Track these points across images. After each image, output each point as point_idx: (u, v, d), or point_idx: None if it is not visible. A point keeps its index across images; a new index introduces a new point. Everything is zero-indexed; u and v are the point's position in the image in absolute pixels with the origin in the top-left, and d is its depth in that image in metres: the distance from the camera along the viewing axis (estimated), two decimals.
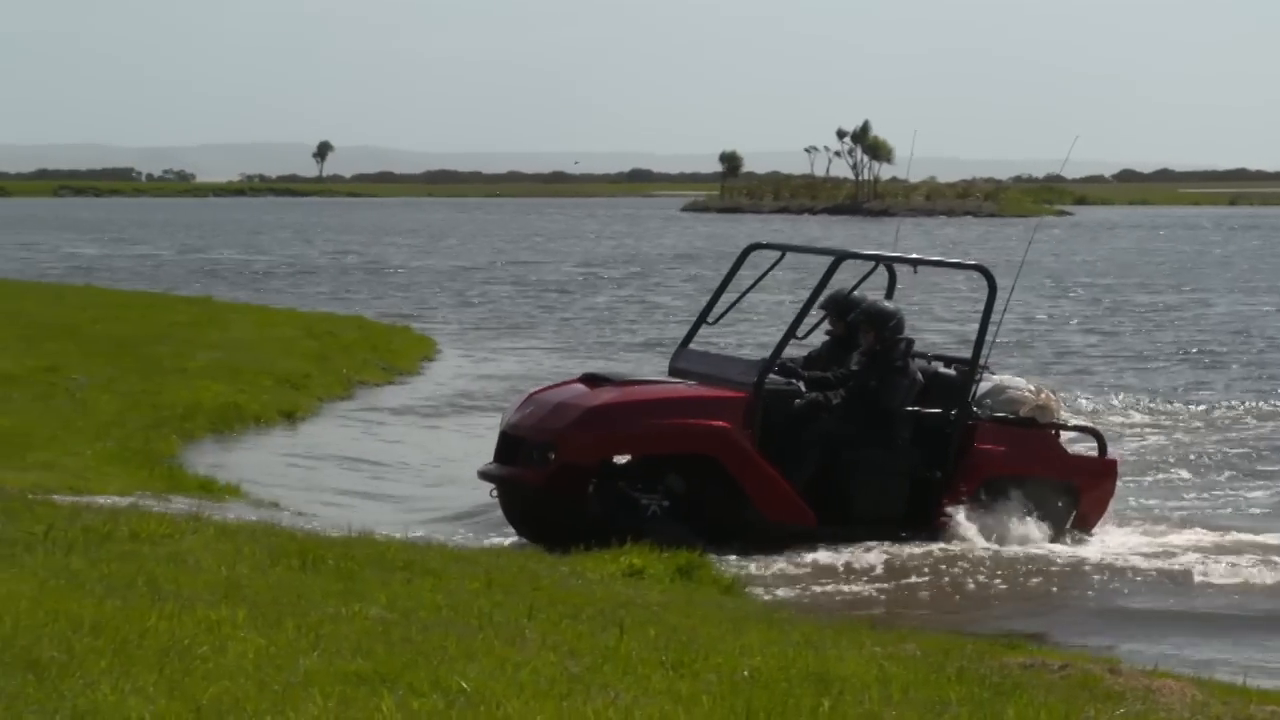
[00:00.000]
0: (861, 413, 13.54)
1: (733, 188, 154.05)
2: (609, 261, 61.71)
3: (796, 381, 13.68)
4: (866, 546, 13.33)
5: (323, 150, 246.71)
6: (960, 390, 13.84)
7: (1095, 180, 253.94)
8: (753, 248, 15.06)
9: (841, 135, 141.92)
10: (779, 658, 7.83)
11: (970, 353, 14.09)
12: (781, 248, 15.15)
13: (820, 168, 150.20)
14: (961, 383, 13.92)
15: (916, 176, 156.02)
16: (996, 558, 13.42)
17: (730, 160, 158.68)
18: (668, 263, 60.34)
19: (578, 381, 13.78)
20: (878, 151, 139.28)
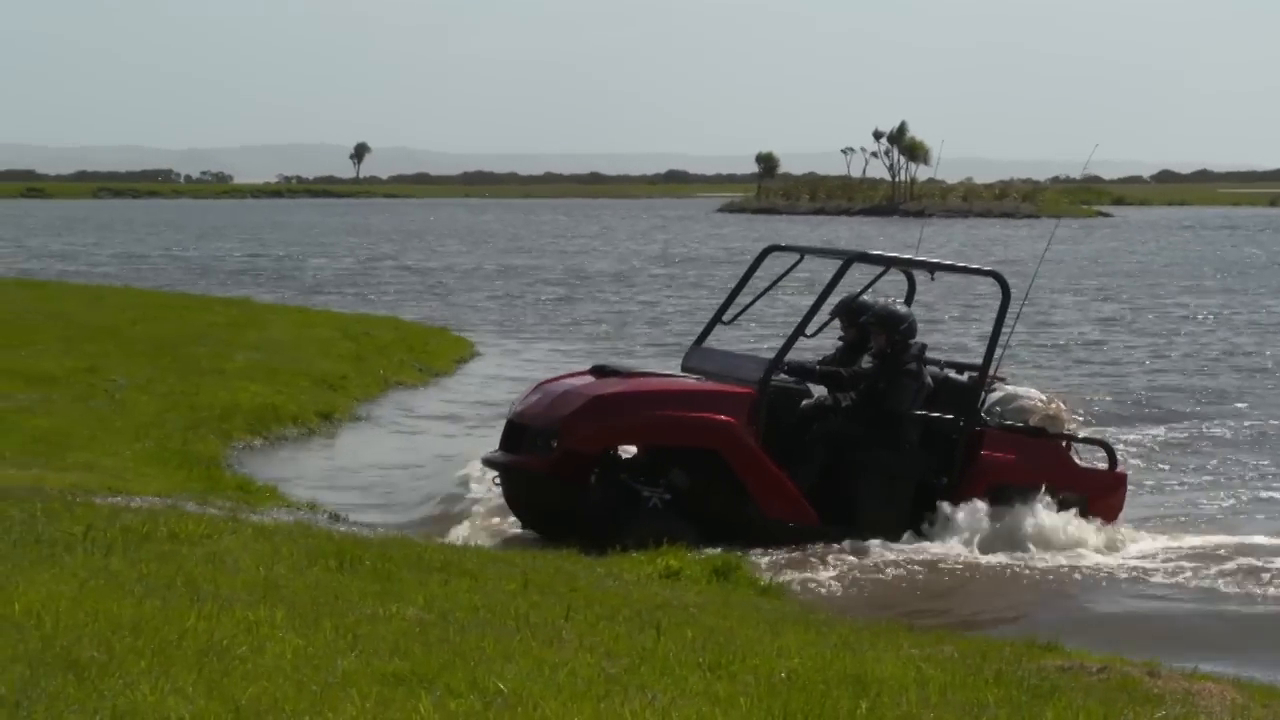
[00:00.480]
0: (869, 414, 13.52)
1: (769, 189, 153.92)
2: (654, 261, 61.71)
3: (806, 380, 13.64)
4: (901, 551, 13.30)
5: (360, 152, 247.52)
6: (969, 396, 13.79)
7: (1134, 181, 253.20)
8: (771, 249, 15.01)
9: (878, 136, 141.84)
10: (816, 659, 7.82)
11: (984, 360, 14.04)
12: (800, 250, 15.09)
13: (857, 169, 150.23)
14: (971, 389, 13.87)
15: (953, 177, 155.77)
16: (1029, 563, 13.39)
17: (766, 161, 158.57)
18: (706, 264, 60.32)
19: (587, 373, 13.81)
20: (914, 153, 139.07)
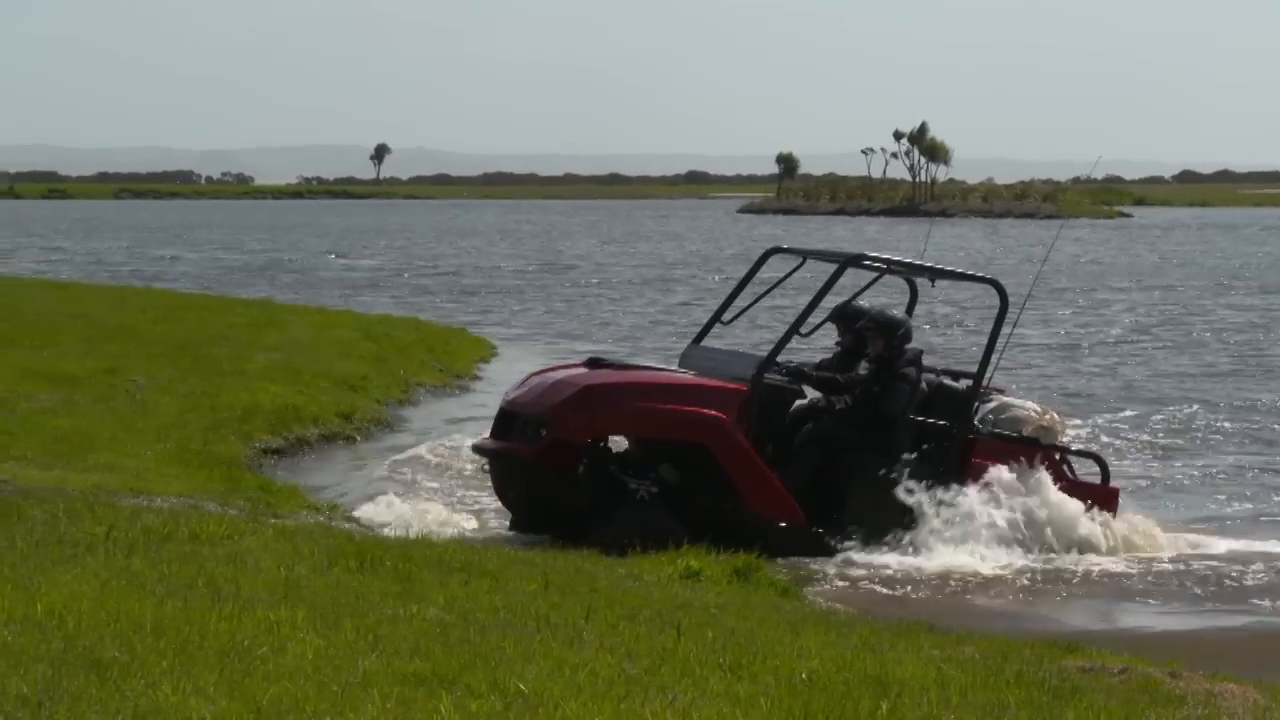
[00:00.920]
0: (862, 417, 13.48)
1: (789, 189, 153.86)
2: (675, 263, 61.72)
3: (802, 384, 13.59)
4: (921, 552, 13.28)
5: (380, 153, 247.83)
6: (963, 403, 13.73)
7: (1155, 181, 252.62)
8: (772, 251, 14.98)
9: (899, 137, 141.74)
10: (837, 660, 7.82)
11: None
12: (802, 253, 15.01)
13: (877, 169, 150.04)
14: (965, 396, 13.81)
15: (974, 178, 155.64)
16: (1045, 565, 13.38)
17: (787, 162, 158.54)
18: (726, 263, 60.30)
19: (581, 364, 13.82)
20: (935, 153, 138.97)
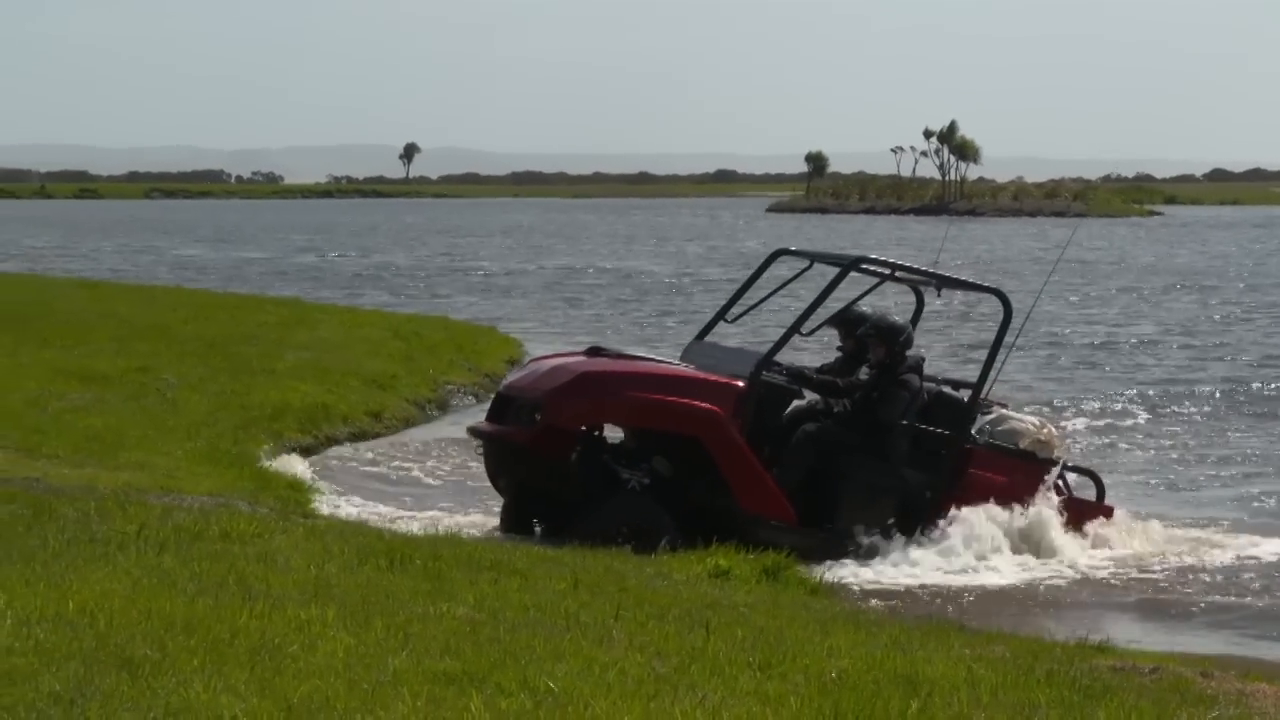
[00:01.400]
0: (860, 422, 13.43)
1: (818, 188, 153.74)
2: (705, 262, 61.67)
3: (803, 388, 13.54)
4: (950, 553, 13.26)
5: (409, 152, 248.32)
6: (961, 412, 13.66)
7: (1186, 180, 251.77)
8: (780, 253, 14.93)
9: (928, 135, 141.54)
10: (867, 659, 7.80)
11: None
12: (810, 255, 14.95)
13: (906, 168, 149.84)
14: (963, 405, 13.75)
15: (1004, 176, 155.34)
16: (1075, 566, 13.37)
17: (816, 160, 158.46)
18: (756, 262, 60.18)
19: (581, 352, 13.80)
20: (965, 151, 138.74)
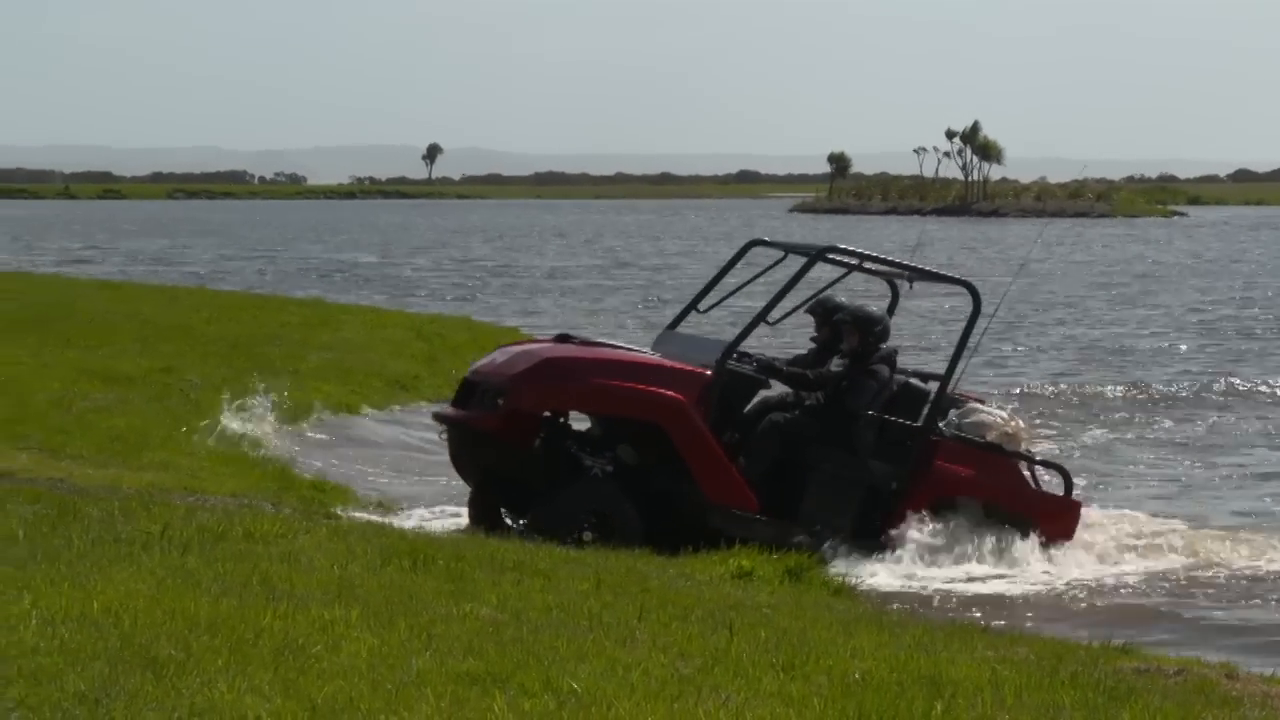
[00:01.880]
0: (828, 412, 13.36)
1: (841, 189, 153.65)
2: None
3: (773, 379, 13.48)
4: (972, 554, 13.25)
5: (432, 152, 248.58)
6: (927, 405, 13.57)
7: (1210, 180, 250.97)
8: (753, 243, 14.82)
9: (951, 136, 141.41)
10: (890, 660, 7.79)
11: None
12: (783, 246, 14.82)
13: (929, 169, 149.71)
14: (932, 397, 13.66)
15: (1027, 176, 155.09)
16: (1098, 569, 13.33)
17: (839, 161, 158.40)
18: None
19: (550, 339, 13.76)
20: (987, 152, 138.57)
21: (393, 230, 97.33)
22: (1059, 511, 13.73)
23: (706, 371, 12.94)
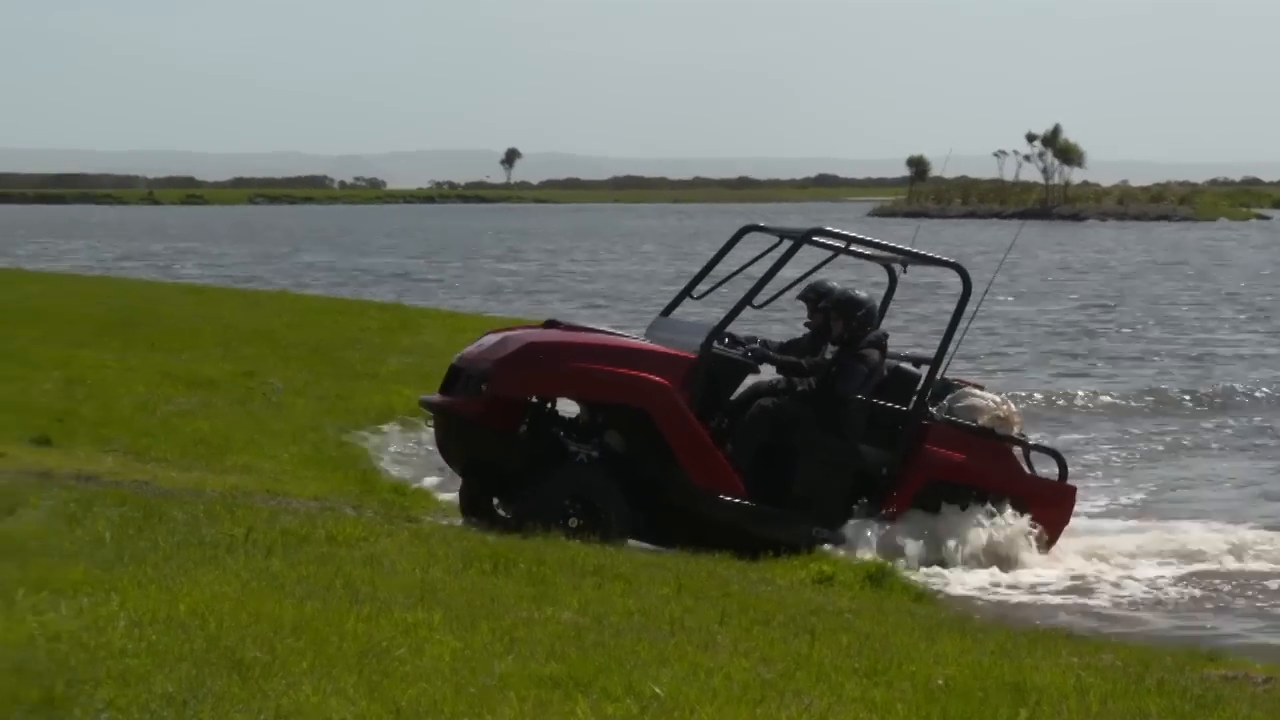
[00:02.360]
0: (817, 397, 13.22)
1: (920, 192, 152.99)
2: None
3: (765, 363, 13.33)
4: (1052, 559, 13.18)
5: (510, 157, 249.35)
6: (918, 389, 13.43)
7: None
8: (748, 229, 14.64)
9: (1031, 139, 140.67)
10: (973, 666, 7.76)
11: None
12: (778, 232, 14.59)
13: (1010, 172, 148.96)
14: (922, 381, 13.50)
15: (1108, 180, 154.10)
16: (1176, 572, 13.24)
17: (918, 164, 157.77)
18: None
19: (538, 326, 13.67)
20: (1069, 155, 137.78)
21: (472, 234, 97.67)
22: (1054, 496, 13.59)
23: (691, 355, 12.84)
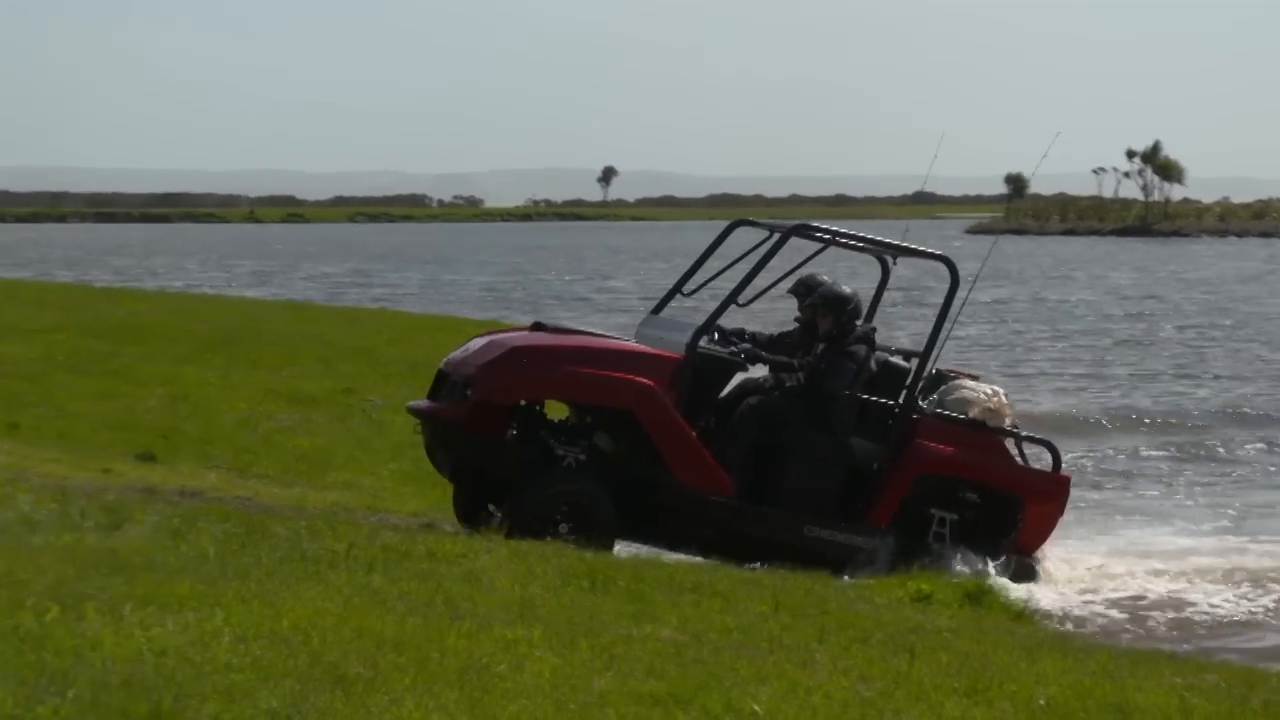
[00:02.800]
0: (805, 394, 13.11)
1: (1018, 209, 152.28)
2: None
3: (758, 364, 13.22)
4: (1153, 574, 13.08)
5: (607, 175, 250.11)
6: (907, 382, 13.29)
7: None
8: (738, 224, 14.60)
9: (1131, 156, 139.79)
10: (1075, 686, 7.72)
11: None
12: (768, 226, 14.48)
13: (1108, 189, 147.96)
14: (912, 375, 13.37)
15: (1209, 197, 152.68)
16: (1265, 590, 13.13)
17: (1015, 182, 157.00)
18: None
19: (525, 329, 13.62)
20: (1168, 172, 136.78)
21: (569, 251, 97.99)
22: (1048, 487, 13.42)
23: (676, 355, 12.77)
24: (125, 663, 6.32)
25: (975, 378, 13.95)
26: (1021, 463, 13.55)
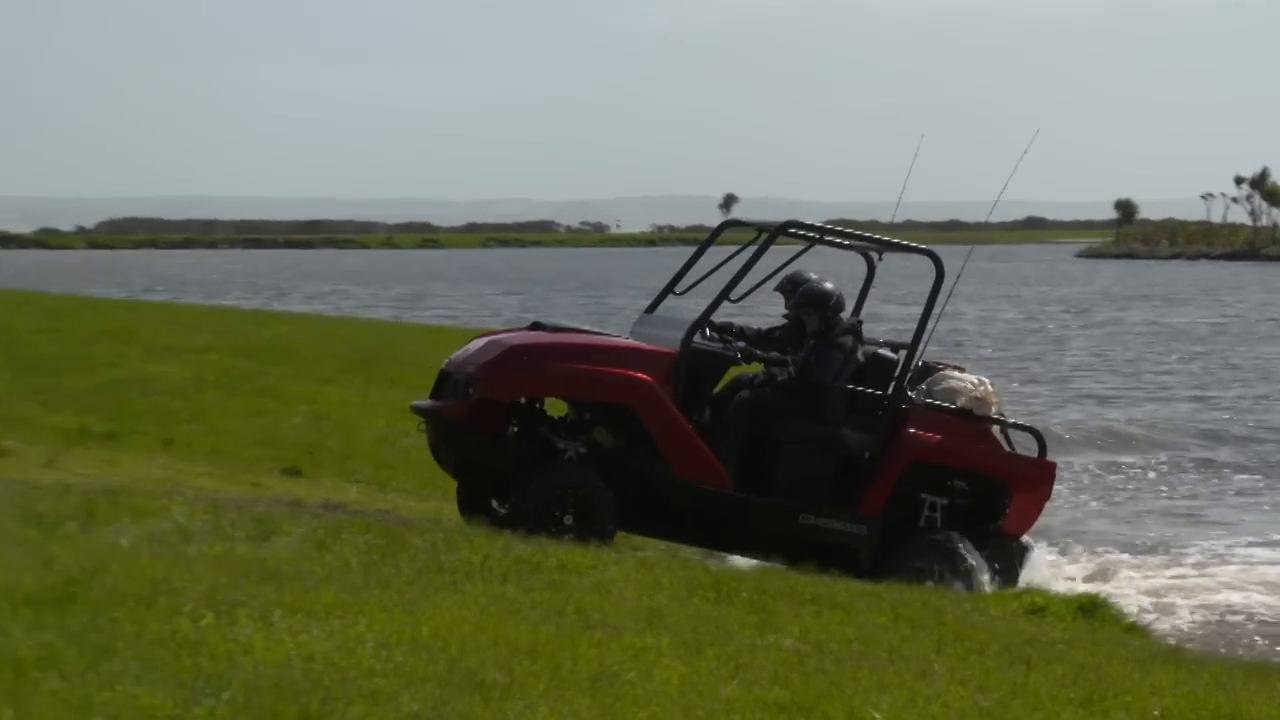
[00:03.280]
0: (796, 386, 13.17)
1: (1127, 234, 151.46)
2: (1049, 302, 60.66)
3: (751, 361, 13.31)
4: (1265, 587, 13.13)
5: (728, 202, 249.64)
6: (895, 373, 13.36)
7: None
8: (728, 224, 14.73)
9: (1239, 182, 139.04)
10: (1190, 698, 7.82)
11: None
12: (757, 226, 14.64)
13: (1217, 214, 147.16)
14: (900, 366, 13.42)
15: None
16: None
17: (1125, 207, 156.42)
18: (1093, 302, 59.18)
19: (524, 328, 13.72)
20: (1276, 198, 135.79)
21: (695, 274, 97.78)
22: (1034, 473, 13.49)
23: (672, 351, 12.90)
24: (275, 667, 6.52)
25: (960, 369, 14.09)
26: (1009, 449, 13.67)
